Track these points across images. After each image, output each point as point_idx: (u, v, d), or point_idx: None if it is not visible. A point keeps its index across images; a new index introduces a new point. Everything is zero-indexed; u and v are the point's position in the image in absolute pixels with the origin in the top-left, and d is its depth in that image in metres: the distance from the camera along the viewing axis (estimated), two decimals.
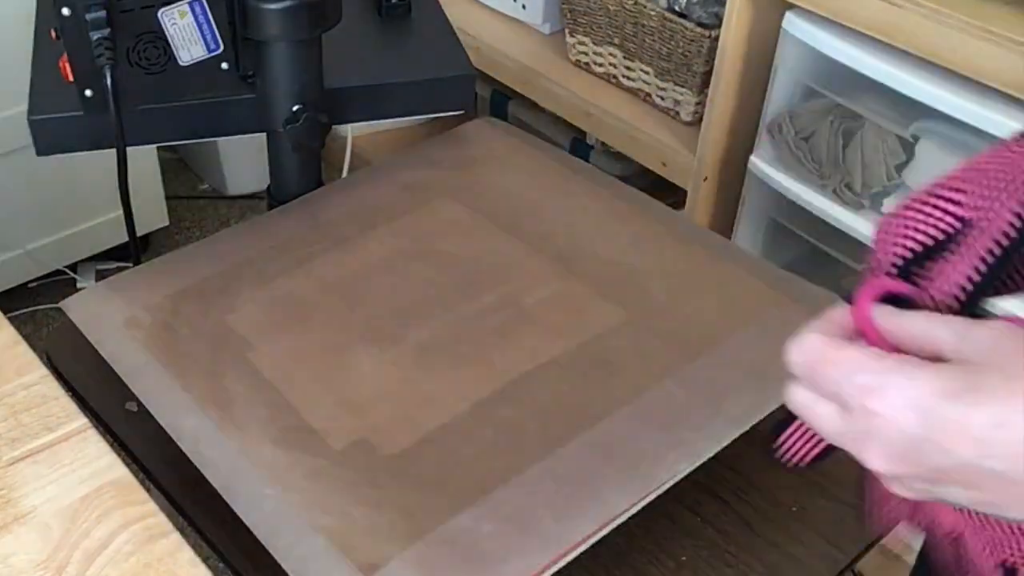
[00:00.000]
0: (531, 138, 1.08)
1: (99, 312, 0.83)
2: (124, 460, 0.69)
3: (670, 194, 1.45)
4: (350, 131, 1.09)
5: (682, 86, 1.43)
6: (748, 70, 1.32)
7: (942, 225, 0.45)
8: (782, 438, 0.52)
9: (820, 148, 1.25)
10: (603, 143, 1.64)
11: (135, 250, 0.96)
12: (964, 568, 0.48)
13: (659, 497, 0.70)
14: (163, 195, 1.90)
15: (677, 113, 1.47)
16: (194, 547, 0.64)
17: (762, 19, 1.28)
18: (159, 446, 0.75)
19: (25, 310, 1.84)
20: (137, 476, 0.69)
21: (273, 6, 0.85)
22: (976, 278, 0.44)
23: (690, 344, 0.80)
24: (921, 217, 0.46)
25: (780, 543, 0.76)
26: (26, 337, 0.77)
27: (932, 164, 1.19)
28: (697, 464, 0.71)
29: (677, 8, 1.37)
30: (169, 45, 0.84)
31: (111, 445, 0.70)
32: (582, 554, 0.67)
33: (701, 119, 1.39)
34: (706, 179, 1.39)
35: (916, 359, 0.41)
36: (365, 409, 0.74)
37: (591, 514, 0.67)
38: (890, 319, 0.44)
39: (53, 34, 0.85)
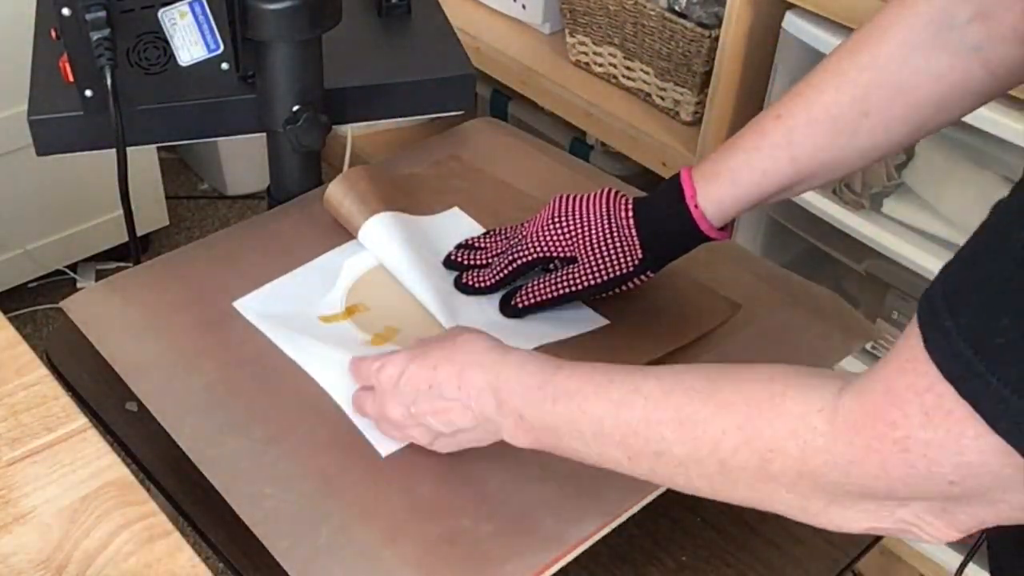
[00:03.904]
0: (531, 138, 1.08)
1: (99, 312, 0.82)
2: (124, 460, 0.69)
3: None
4: (350, 131, 1.09)
5: (682, 86, 1.43)
6: (748, 70, 1.33)
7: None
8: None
9: None
10: (603, 143, 1.65)
11: (135, 250, 0.96)
12: None
13: (659, 497, 0.70)
14: (163, 195, 1.90)
15: (677, 113, 1.47)
16: (194, 547, 0.64)
17: (762, 19, 1.28)
18: (159, 446, 0.75)
19: (25, 310, 1.84)
20: (137, 476, 0.69)
21: (273, 6, 0.85)
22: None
23: (690, 344, 0.80)
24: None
25: (780, 543, 0.76)
26: (26, 337, 0.77)
27: (932, 164, 1.19)
28: None
29: (677, 8, 1.37)
30: (169, 45, 0.84)
31: (111, 445, 0.70)
32: (582, 554, 0.67)
33: (701, 119, 1.39)
34: None
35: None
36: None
37: (591, 514, 0.67)
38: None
39: (53, 34, 0.85)
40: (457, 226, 0.92)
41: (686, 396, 0.55)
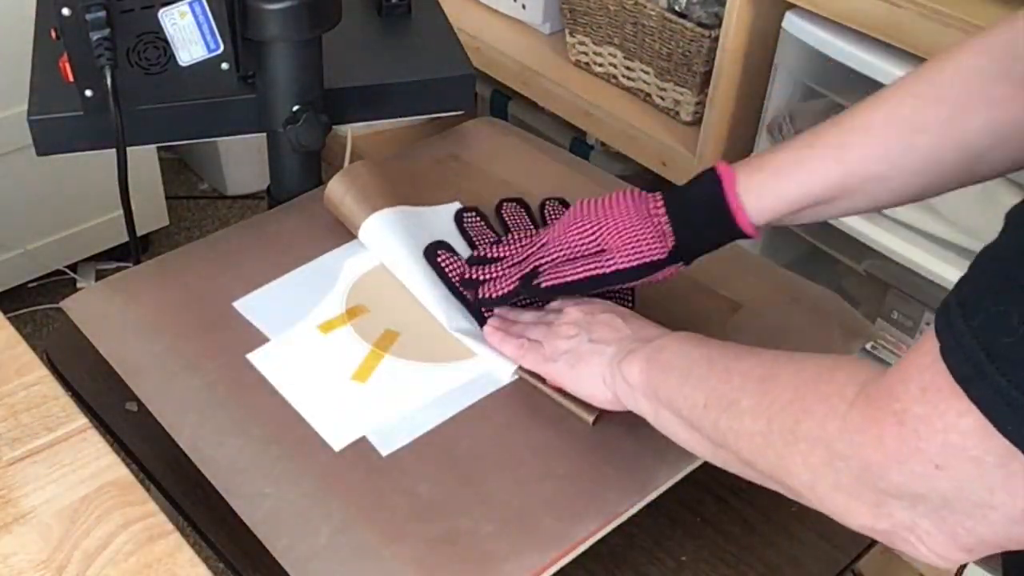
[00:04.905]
0: (531, 138, 1.08)
1: (99, 312, 0.83)
2: (124, 460, 0.69)
3: None
4: (350, 131, 1.09)
5: (682, 86, 1.43)
6: (748, 70, 1.33)
7: None
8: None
9: None
10: (603, 143, 1.64)
11: (135, 250, 0.96)
12: None
13: (659, 497, 0.70)
14: (163, 195, 1.90)
15: (677, 113, 1.47)
16: (194, 547, 0.64)
17: (762, 19, 1.28)
18: (159, 446, 0.75)
19: (25, 310, 1.84)
20: (137, 476, 0.69)
21: (273, 6, 0.85)
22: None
23: None
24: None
25: (780, 543, 0.76)
26: (26, 337, 0.77)
27: None
28: (697, 464, 0.71)
29: (677, 8, 1.37)
30: (169, 45, 0.84)
31: (111, 445, 0.70)
32: (582, 554, 0.67)
33: (701, 119, 1.39)
34: None
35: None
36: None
37: (591, 514, 0.67)
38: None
39: (53, 34, 0.85)
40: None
41: (773, 358, 0.61)
